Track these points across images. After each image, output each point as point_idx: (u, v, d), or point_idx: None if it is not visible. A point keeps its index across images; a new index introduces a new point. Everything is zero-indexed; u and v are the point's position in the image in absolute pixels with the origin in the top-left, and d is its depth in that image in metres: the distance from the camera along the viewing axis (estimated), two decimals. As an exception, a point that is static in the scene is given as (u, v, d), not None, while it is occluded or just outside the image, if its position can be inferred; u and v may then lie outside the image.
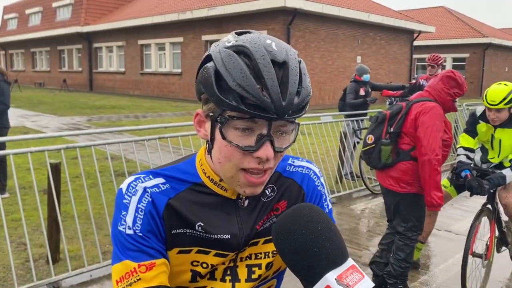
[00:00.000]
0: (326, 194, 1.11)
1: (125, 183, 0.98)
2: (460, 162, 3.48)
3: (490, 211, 3.44)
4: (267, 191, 1.05)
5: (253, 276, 1.05)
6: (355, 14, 21.29)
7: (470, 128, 3.63)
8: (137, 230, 0.93)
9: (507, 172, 3.25)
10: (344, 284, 0.74)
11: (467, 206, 5.83)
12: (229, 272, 1.04)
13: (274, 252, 1.06)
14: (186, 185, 0.99)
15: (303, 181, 1.08)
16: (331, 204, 1.12)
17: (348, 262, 0.78)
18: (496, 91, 3.26)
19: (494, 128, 3.46)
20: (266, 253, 1.06)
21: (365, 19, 21.93)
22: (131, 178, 0.98)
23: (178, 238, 0.97)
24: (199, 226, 0.98)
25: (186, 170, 1.01)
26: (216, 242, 0.99)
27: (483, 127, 3.53)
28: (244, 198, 1.01)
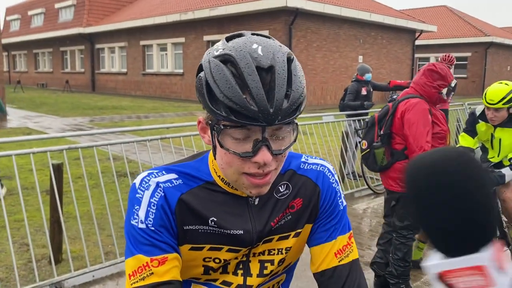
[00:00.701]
0: (341, 192, 1.12)
1: (139, 178, 0.99)
2: None
3: None
4: (281, 188, 1.05)
5: (265, 272, 1.06)
6: (357, 14, 21.27)
7: (470, 128, 3.63)
8: (150, 224, 0.94)
9: (507, 171, 3.24)
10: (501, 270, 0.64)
11: (469, 206, 5.81)
12: (242, 266, 1.05)
13: (288, 249, 1.07)
14: (199, 183, 1.01)
15: (318, 178, 1.09)
16: (345, 202, 1.13)
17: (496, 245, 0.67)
18: (496, 90, 3.25)
19: (494, 128, 3.45)
20: (280, 250, 1.06)
21: (367, 19, 21.90)
22: (145, 173, 1.00)
23: (190, 235, 0.99)
24: (212, 221, 0.99)
25: (199, 168, 1.03)
26: (229, 238, 1.00)
27: (483, 127, 3.52)
28: (254, 197, 1.02)
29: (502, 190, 3.64)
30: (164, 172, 1.00)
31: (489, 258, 0.63)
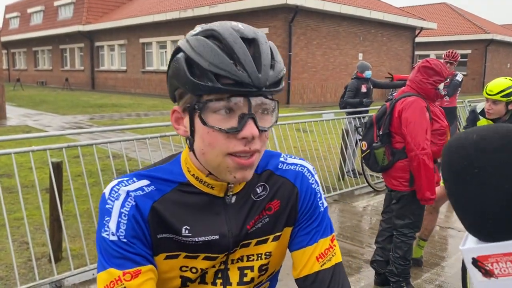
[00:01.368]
0: (321, 192, 1.07)
1: (108, 187, 0.94)
2: None
3: None
4: (258, 190, 1.01)
5: (245, 279, 1.02)
6: (357, 11, 21.24)
7: (471, 125, 3.62)
8: (121, 236, 0.90)
9: None
10: None
11: (470, 203, 5.81)
12: (220, 275, 1.01)
13: (268, 254, 1.03)
14: (172, 186, 0.96)
15: (297, 179, 1.04)
16: (327, 203, 1.09)
17: None
18: (497, 83, 3.29)
19: (495, 125, 3.45)
20: (259, 255, 1.02)
21: (367, 16, 21.87)
22: (114, 182, 0.95)
23: (164, 243, 0.95)
24: (186, 230, 0.95)
25: (172, 171, 0.98)
26: (204, 245, 0.96)
27: (484, 124, 3.51)
28: (232, 195, 0.97)
29: None
30: (135, 179, 0.95)
31: None
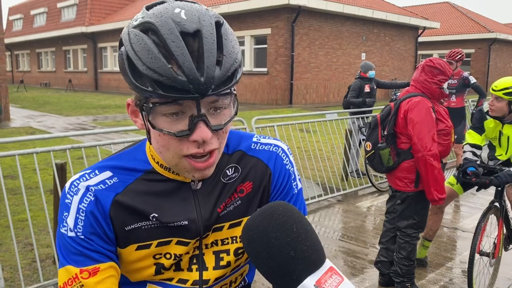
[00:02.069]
0: (296, 173, 1.04)
1: (68, 182, 0.91)
2: (466, 159, 3.45)
3: (498, 209, 3.40)
4: (229, 172, 0.97)
5: (222, 263, 0.99)
6: (359, 11, 21.21)
7: (477, 125, 3.60)
8: (79, 233, 0.87)
9: None
10: None
11: (474, 203, 5.79)
12: (195, 261, 0.98)
13: None
14: (136, 175, 0.93)
15: (270, 160, 1.01)
16: (301, 184, 1.05)
17: (326, 264, 0.72)
18: (503, 80, 3.32)
19: (502, 124, 3.43)
20: (233, 238, 0.99)
21: (369, 16, 21.84)
22: (75, 176, 0.92)
23: (134, 234, 0.91)
24: (154, 217, 0.92)
25: (136, 157, 0.95)
26: (175, 230, 0.93)
27: (491, 123, 3.49)
28: (198, 181, 0.94)
29: (511, 190, 3.61)
30: (97, 172, 0.91)
31: (312, 284, 0.69)
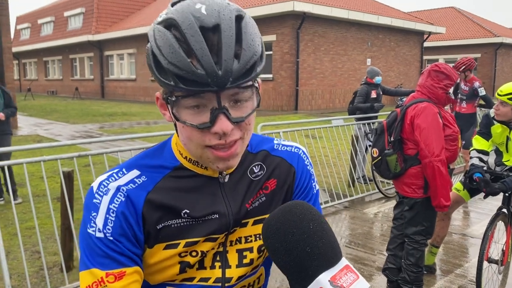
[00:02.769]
0: (314, 175, 1.09)
1: (97, 182, 0.91)
2: (473, 165, 3.42)
3: (506, 215, 3.37)
4: (255, 169, 1.01)
5: (245, 261, 1.00)
6: (364, 17, 21.23)
7: (484, 130, 3.58)
8: (108, 234, 0.86)
9: None
10: (338, 286, 0.71)
11: (483, 209, 5.74)
12: (219, 258, 0.99)
13: None
14: (164, 172, 0.94)
15: (293, 159, 1.05)
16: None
17: (342, 262, 0.74)
18: (508, 85, 3.31)
19: (510, 129, 3.41)
20: (257, 235, 1.01)
21: (374, 21, 21.85)
22: (104, 176, 0.92)
23: (165, 232, 0.92)
24: (185, 214, 0.93)
25: (163, 154, 0.96)
26: (205, 226, 0.94)
27: (498, 128, 3.47)
28: (224, 174, 0.96)
29: None
30: (125, 171, 0.92)
31: (327, 279, 0.72)
